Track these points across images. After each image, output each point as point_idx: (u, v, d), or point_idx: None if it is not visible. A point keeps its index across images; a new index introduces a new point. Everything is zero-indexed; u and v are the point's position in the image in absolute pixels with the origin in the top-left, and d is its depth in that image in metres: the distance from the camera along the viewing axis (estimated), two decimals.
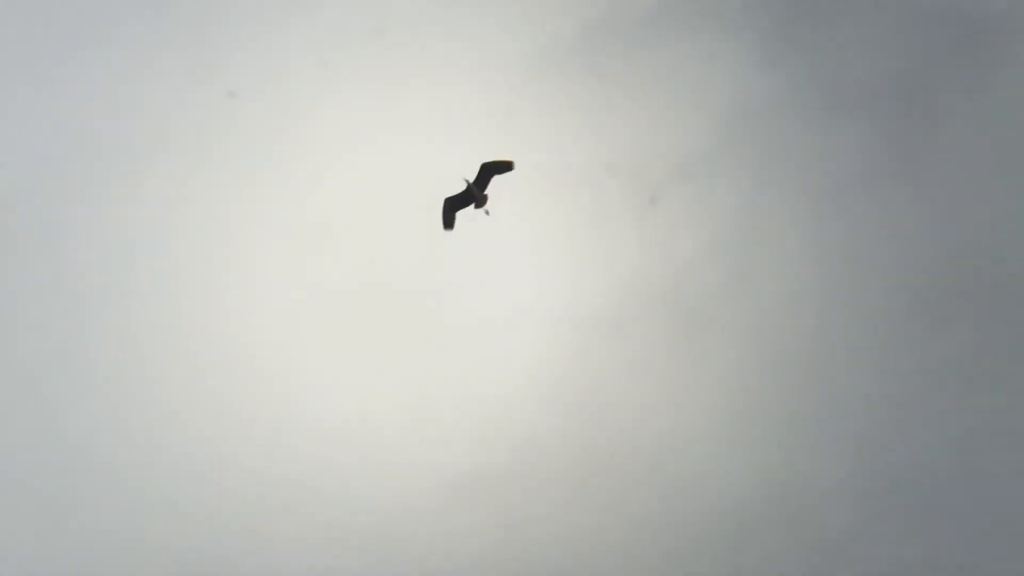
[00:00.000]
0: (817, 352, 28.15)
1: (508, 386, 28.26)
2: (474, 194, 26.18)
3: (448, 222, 26.24)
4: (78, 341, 28.63)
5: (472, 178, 26.14)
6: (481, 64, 28.74)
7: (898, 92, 28.62)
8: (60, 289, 28.73)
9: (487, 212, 26.35)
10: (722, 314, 28.27)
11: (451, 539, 27.81)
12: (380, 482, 28.14)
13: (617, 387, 28.20)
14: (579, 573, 27.67)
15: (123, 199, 28.96)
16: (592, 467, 28.02)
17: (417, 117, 28.95)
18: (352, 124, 29.10)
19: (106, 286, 28.76)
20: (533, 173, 28.18)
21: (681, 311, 28.33)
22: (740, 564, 27.45)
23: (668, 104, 28.74)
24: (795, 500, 27.59)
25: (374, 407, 28.37)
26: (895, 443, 27.71)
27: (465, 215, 26.33)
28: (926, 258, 28.22)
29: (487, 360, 28.44)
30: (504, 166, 26.15)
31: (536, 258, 28.79)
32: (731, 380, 28.11)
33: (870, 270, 28.31)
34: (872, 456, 27.72)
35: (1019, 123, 28.42)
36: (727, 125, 28.63)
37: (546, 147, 28.80)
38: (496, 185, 26.55)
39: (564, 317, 28.50)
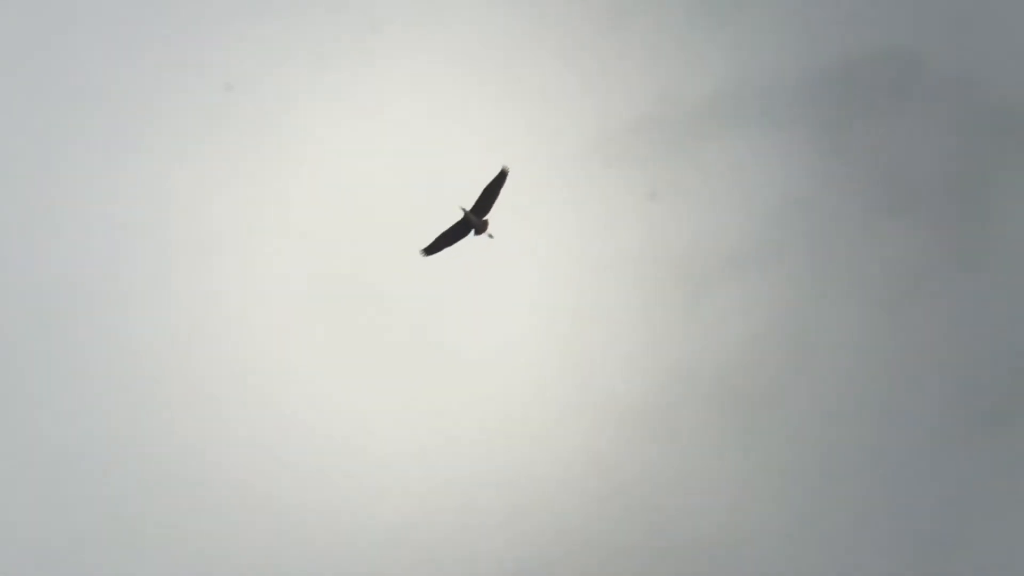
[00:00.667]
0: (870, 449, 27.76)
1: (550, 478, 27.78)
2: (472, 222, 25.48)
3: (431, 250, 25.60)
4: (67, 340, 28.22)
5: (470, 205, 25.59)
6: (533, 152, 28.65)
7: (950, 190, 28.60)
8: (50, 287, 28.30)
9: (491, 236, 25.70)
10: (771, 408, 27.92)
11: None
12: None
13: (663, 481, 27.79)
14: None
15: (117, 193, 28.63)
16: (638, 562, 27.40)
17: (421, 121, 28.90)
18: (353, 120, 28.96)
19: (97, 282, 28.36)
20: (581, 262, 28.31)
21: (729, 404, 28.00)
22: None
23: (717, 196, 28.69)
24: None
25: (414, 510, 27.87)
26: (956, 544, 27.26)
27: (474, 256, 25.68)
28: (980, 357, 27.98)
29: (529, 451, 27.94)
30: (500, 180, 25.47)
31: (583, 348, 28.40)
32: (780, 475, 27.72)
33: (923, 367, 28.08)
34: (933, 559, 27.20)
35: None
36: (776, 218, 28.56)
37: (595, 237, 28.62)
38: (545, 269, 26.92)
39: (610, 408, 28.08)
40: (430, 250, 25.53)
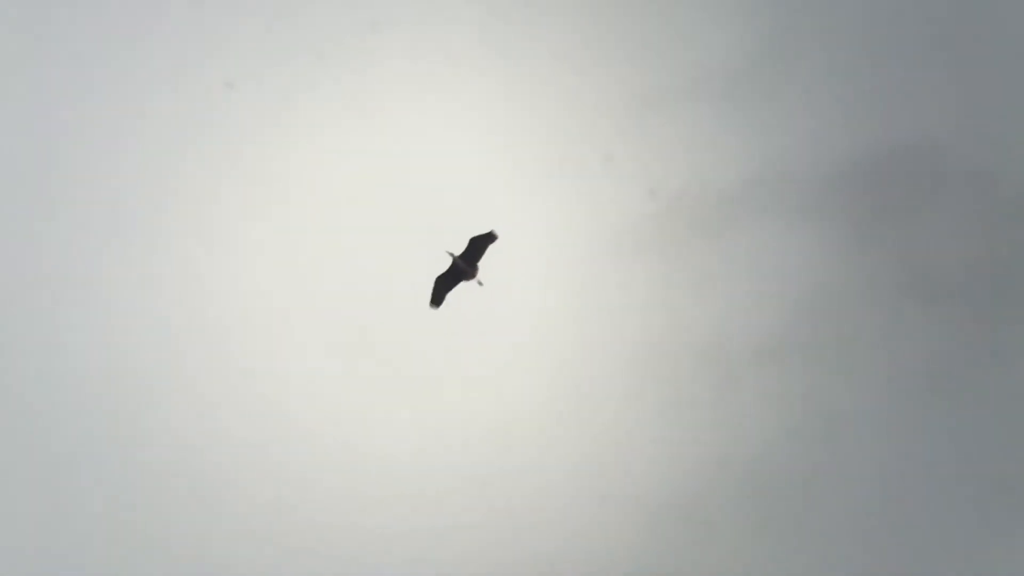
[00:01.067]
0: (902, 539, 27.68)
1: (579, 571, 27.75)
2: (461, 268, 25.52)
3: (436, 300, 25.77)
4: (66, 340, 28.34)
5: (459, 251, 25.79)
6: (559, 239, 28.66)
7: (978, 280, 28.49)
8: (49, 287, 28.41)
9: (480, 283, 25.84)
10: (802, 499, 27.88)
11: None
12: None
13: (693, 572, 27.65)
14: None
15: (117, 192, 28.69)
16: None
17: (421, 121, 28.84)
18: (353, 120, 28.93)
19: (96, 281, 28.45)
20: (607, 352, 28.26)
21: (759, 495, 27.92)
22: None
23: (745, 285, 28.66)
24: None
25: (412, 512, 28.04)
26: None
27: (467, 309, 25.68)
28: (1014, 447, 27.87)
29: (558, 543, 27.94)
30: (487, 239, 25.71)
31: (611, 438, 28.31)
32: (812, 566, 27.58)
33: (955, 457, 27.91)
34: None
35: None
36: (806, 308, 28.51)
37: (622, 326, 28.55)
38: (570, 358, 27.07)
39: (638, 499, 28.02)
40: (436, 302, 25.74)
